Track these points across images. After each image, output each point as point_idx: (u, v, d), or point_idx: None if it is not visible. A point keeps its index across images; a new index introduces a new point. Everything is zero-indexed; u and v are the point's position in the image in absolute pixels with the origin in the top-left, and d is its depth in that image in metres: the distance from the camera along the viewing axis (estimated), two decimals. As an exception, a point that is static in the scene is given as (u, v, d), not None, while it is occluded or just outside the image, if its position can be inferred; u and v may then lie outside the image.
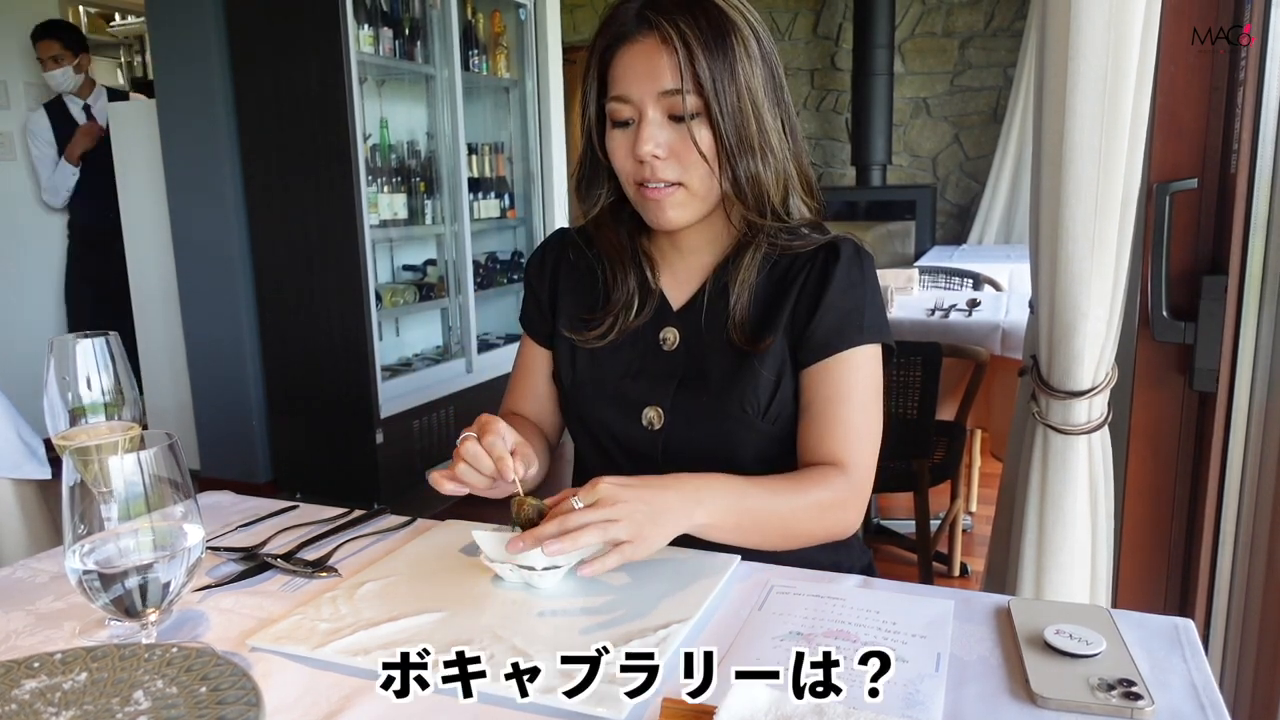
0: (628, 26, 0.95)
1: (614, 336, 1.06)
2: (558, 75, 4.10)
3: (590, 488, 0.81)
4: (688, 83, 0.92)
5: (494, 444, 0.86)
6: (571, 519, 0.77)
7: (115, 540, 0.67)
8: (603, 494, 0.80)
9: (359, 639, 0.75)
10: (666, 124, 0.95)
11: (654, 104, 0.94)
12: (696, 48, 0.92)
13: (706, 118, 0.94)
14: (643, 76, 0.94)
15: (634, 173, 0.98)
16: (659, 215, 0.99)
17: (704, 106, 0.94)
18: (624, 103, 0.96)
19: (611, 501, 0.79)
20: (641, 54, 0.94)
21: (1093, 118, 1.13)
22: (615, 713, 0.64)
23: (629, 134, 0.97)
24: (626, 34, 0.95)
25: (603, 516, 0.78)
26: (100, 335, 0.85)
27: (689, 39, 0.92)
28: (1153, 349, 1.35)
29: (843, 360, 0.99)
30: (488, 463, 0.86)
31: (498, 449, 0.86)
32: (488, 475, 0.87)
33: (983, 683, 0.68)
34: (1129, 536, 1.41)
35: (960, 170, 5.76)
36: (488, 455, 0.86)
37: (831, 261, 1.01)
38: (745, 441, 1.01)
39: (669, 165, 0.96)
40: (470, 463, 0.86)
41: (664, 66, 0.93)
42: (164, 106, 3.27)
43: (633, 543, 0.78)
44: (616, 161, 1.00)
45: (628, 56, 0.95)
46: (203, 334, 3.38)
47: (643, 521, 0.79)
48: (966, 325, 2.65)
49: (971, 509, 3.02)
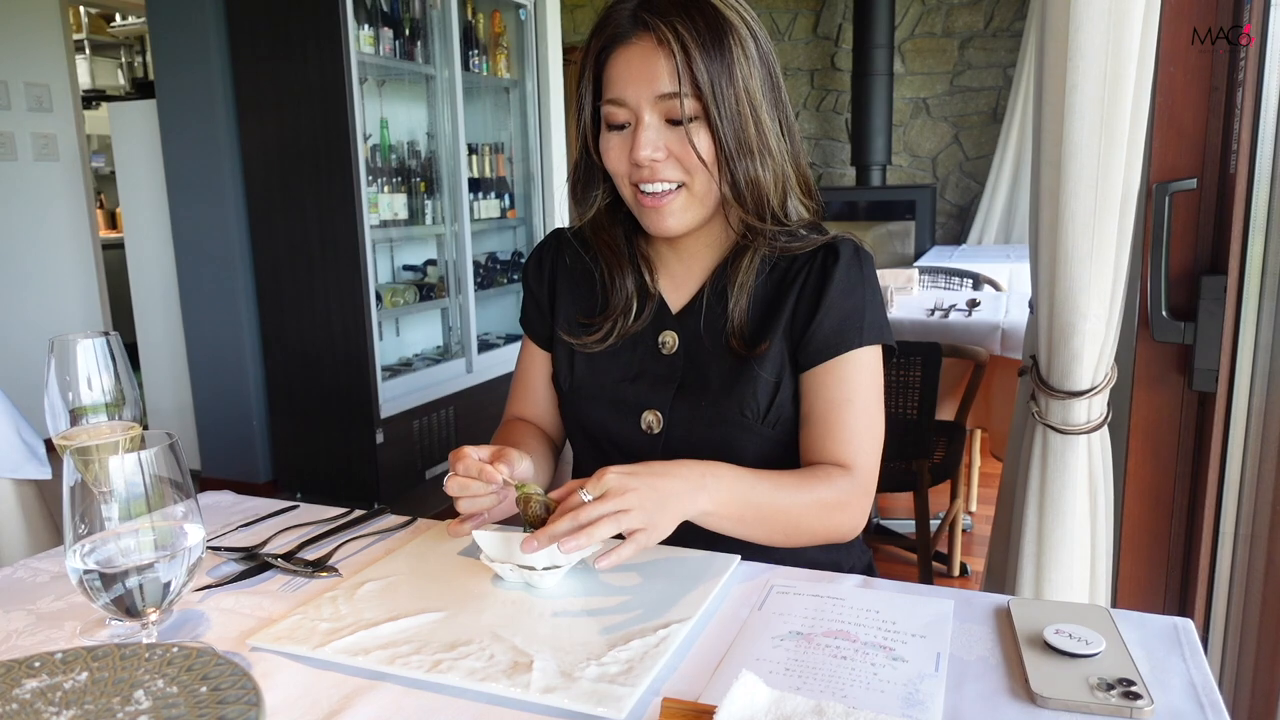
0: (623, 28, 0.94)
1: (612, 341, 1.05)
2: (558, 75, 4.10)
3: (597, 479, 0.80)
4: (685, 86, 0.91)
5: (469, 467, 0.87)
6: (584, 513, 0.77)
7: (116, 540, 0.67)
8: (611, 484, 0.79)
9: (359, 639, 0.75)
10: (664, 127, 0.94)
11: (651, 107, 0.93)
12: (694, 49, 0.90)
13: (705, 121, 0.93)
14: (639, 79, 0.92)
15: (630, 175, 0.97)
16: (659, 223, 0.98)
17: (702, 110, 0.92)
18: (620, 106, 0.94)
19: (621, 491, 0.79)
20: (637, 56, 0.93)
21: (1093, 118, 1.13)
22: (615, 713, 0.64)
23: (625, 137, 0.96)
24: (622, 36, 0.94)
25: (615, 507, 0.77)
26: (100, 335, 0.85)
27: (686, 41, 0.90)
28: (1152, 349, 1.35)
29: (844, 362, 0.98)
30: (477, 485, 0.87)
31: (473, 469, 0.87)
32: (484, 494, 0.87)
33: (982, 682, 0.69)
34: (1129, 536, 1.41)
35: (960, 170, 5.76)
36: (471, 480, 0.87)
37: (831, 263, 1.00)
38: (745, 445, 1.00)
39: (670, 166, 0.95)
40: (461, 495, 0.88)
41: (661, 69, 0.91)
42: (164, 106, 3.27)
43: (646, 530, 0.78)
44: (610, 165, 0.98)
45: (623, 59, 0.94)
46: (203, 334, 3.38)
47: (653, 509, 0.79)
48: (966, 325, 2.65)
49: (971, 509, 3.03)
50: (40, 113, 4.10)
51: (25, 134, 4.05)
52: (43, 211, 4.13)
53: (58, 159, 4.19)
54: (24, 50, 3.95)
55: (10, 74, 3.97)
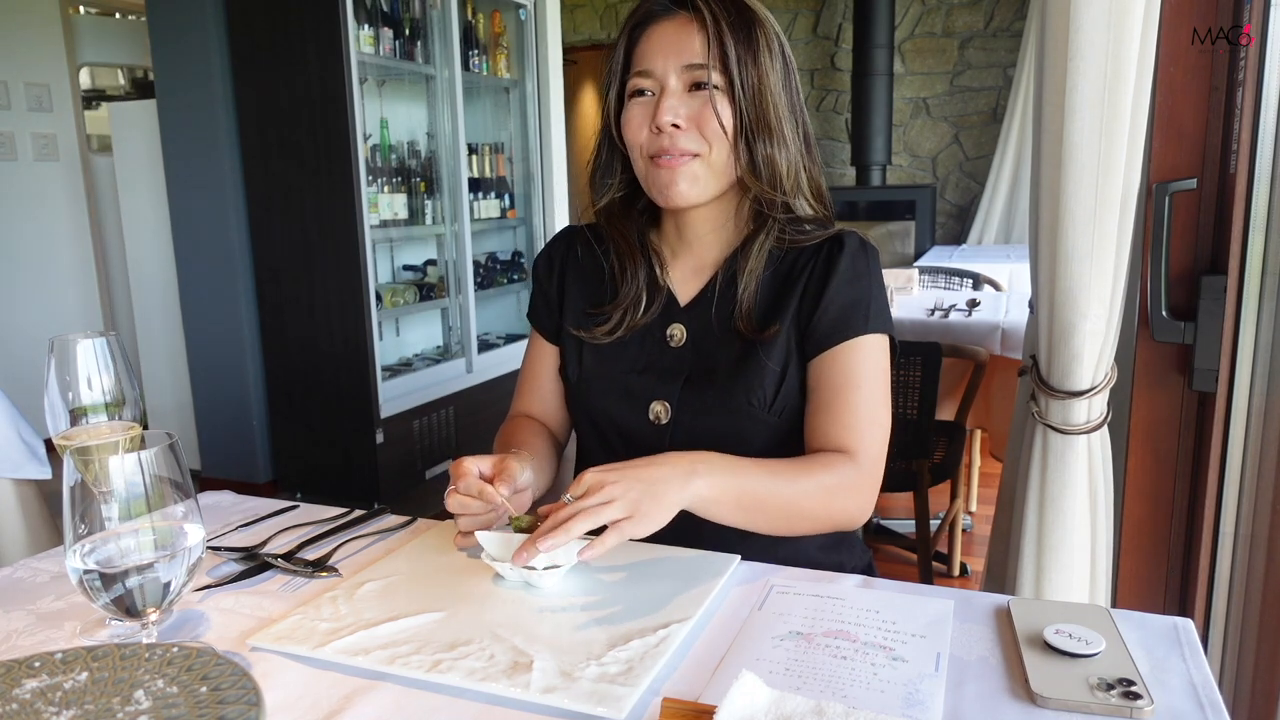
0: (660, 5, 0.99)
1: (621, 332, 1.06)
2: (558, 75, 4.10)
3: (577, 482, 0.82)
4: (714, 59, 0.95)
5: (469, 486, 0.89)
6: (562, 513, 0.78)
7: (116, 540, 0.67)
8: (589, 482, 0.80)
9: (359, 639, 0.75)
10: (686, 96, 0.98)
11: (677, 76, 0.97)
12: (725, 28, 0.96)
13: (729, 95, 0.97)
14: (669, 50, 0.97)
15: (648, 144, 0.99)
16: (669, 188, 0.99)
17: (727, 84, 0.96)
18: (646, 77, 0.99)
19: (599, 486, 0.80)
20: (671, 30, 0.98)
21: (1093, 118, 1.13)
22: (615, 713, 0.64)
23: (647, 105, 0.99)
24: (658, 13, 0.99)
25: (594, 503, 0.78)
26: (100, 335, 0.85)
27: (719, 19, 0.96)
28: (1152, 349, 1.35)
29: (849, 348, 0.99)
30: (476, 504, 0.88)
31: (473, 489, 0.88)
32: (484, 513, 0.89)
33: (982, 682, 0.69)
34: (1129, 536, 1.41)
35: (960, 170, 5.76)
36: (471, 499, 0.88)
37: (836, 253, 1.02)
38: (751, 435, 1.01)
39: (689, 135, 0.98)
40: (462, 513, 0.89)
41: (693, 40, 0.96)
42: (164, 106, 3.27)
43: (631, 519, 0.78)
44: (630, 135, 1.01)
45: (657, 33, 0.99)
46: (203, 334, 3.38)
47: (637, 499, 0.79)
48: (966, 325, 2.65)
49: (971, 509, 3.03)
50: (40, 113, 4.10)
51: (25, 134, 4.05)
52: (43, 211, 4.13)
53: (58, 159, 4.19)
54: (24, 50, 3.95)
55: (10, 74, 3.98)
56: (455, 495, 0.89)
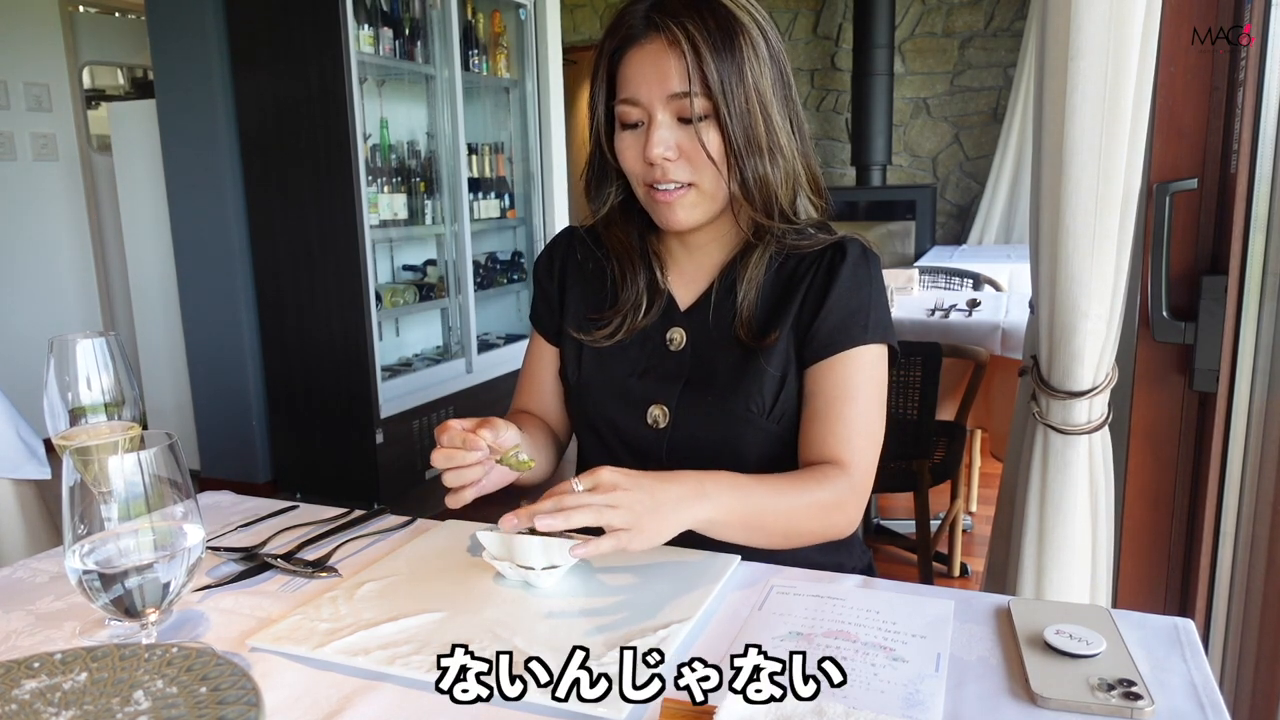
0: (635, 29, 0.95)
1: (621, 336, 1.06)
2: (558, 75, 4.10)
3: (592, 473, 0.80)
4: (696, 85, 0.92)
5: (453, 438, 0.87)
6: (568, 499, 0.77)
7: (115, 540, 0.67)
8: (603, 480, 0.79)
9: (359, 639, 0.75)
10: (676, 126, 0.95)
11: (663, 106, 0.94)
12: (704, 50, 0.92)
13: (715, 120, 0.94)
14: (651, 79, 0.94)
15: (644, 175, 0.98)
16: (669, 217, 0.99)
17: (712, 109, 0.94)
18: (633, 105, 0.96)
19: (611, 488, 0.79)
20: (649, 56, 0.94)
21: (1093, 118, 1.13)
22: (615, 713, 0.64)
23: (639, 136, 0.97)
24: (634, 36, 0.95)
25: (601, 501, 0.77)
26: (100, 335, 0.85)
27: (697, 41, 0.92)
28: (1153, 349, 1.35)
29: (846, 359, 0.99)
30: (461, 454, 0.86)
31: (457, 439, 0.87)
32: (471, 463, 0.87)
33: (983, 683, 0.68)
34: (1129, 536, 1.41)
35: (960, 170, 5.76)
36: (456, 450, 0.86)
37: (838, 261, 1.01)
38: (750, 441, 1.01)
39: (680, 166, 0.96)
40: (448, 465, 0.87)
41: (672, 69, 0.93)
42: (164, 106, 3.27)
43: (629, 531, 0.77)
44: (626, 164, 1.00)
45: (636, 59, 0.95)
46: (203, 334, 3.38)
47: (641, 512, 0.78)
48: (966, 325, 2.65)
49: (971, 509, 3.02)
50: (40, 112, 4.10)
51: (25, 134, 4.05)
52: (43, 211, 4.13)
53: (57, 159, 4.19)
54: (23, 49, 3.95)
55: (10, 73, 3.97)
56: (441, 450, 0.87)
